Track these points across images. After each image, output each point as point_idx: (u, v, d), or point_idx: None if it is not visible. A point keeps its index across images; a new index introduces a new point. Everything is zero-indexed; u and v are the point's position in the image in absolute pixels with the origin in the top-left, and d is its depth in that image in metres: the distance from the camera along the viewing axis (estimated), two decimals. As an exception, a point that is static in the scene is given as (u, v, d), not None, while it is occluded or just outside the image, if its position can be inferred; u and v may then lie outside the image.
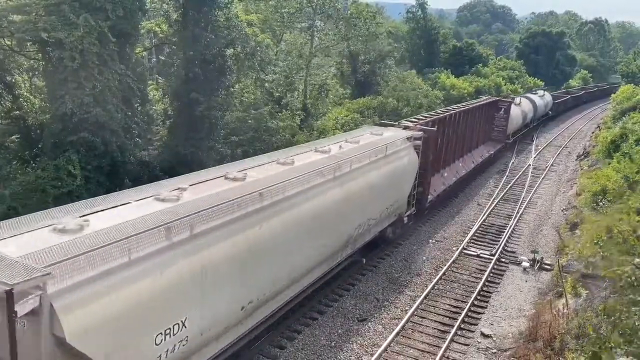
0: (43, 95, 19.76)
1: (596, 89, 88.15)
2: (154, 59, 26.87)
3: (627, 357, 8.17)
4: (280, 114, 27.48)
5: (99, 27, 17.39)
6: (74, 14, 17.47)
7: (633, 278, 8.46)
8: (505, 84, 62.85)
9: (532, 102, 49.01)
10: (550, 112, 57.70)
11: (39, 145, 20.15)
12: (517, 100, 43.63)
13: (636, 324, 7.73)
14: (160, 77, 25.51)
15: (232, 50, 23.86)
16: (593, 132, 49.98)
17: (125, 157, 19.75)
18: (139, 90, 20.07)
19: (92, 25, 17.23)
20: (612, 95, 59.81)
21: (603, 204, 19.14)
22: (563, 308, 14.58)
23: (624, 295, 8.56)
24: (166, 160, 22.14)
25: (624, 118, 36.28)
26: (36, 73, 21.58)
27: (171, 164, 21.64)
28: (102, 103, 18.07)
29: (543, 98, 54.36)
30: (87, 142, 18.17)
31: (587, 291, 14.93)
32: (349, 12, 36.43)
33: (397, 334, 15.34)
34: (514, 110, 39.81)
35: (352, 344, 14.85)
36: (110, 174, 19.38)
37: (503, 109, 37.45)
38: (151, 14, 25.48)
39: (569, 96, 71.23)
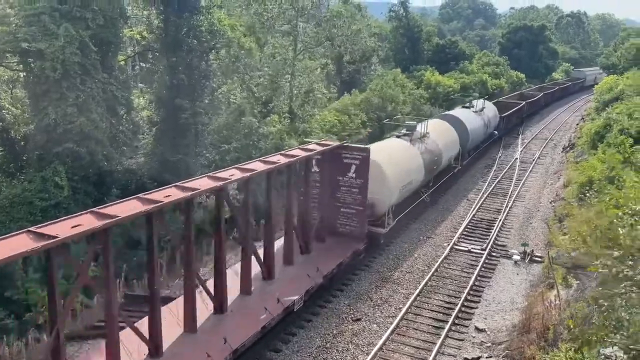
0: (25, 106, 19.54)
1: (557, 87, 75.21)
2: (138, 67, 26.68)
3: (614, 347, 8.25)
4: (268, 118, 27.44)
5: (79, 37, 17.23)
6: (54, 24, 17.30)
7: (614, 271, 8.52)
8: (490, 80, 63.22)
9: (456, 127, 30.81)
10: (495, 133, 40.98)
11: (24, 158, 19.91)
12: (417, 131, 25.42)
13: (621, 315, 7.80)
14: (144, 84, 25.35)
15: (215, 54, 23.79)
16: (578, 124, 50.48)
17: (112, 166, 19.59)
18: (123, 99, 19.91)
19: (73, 35, 17.07)
20: (595, 88, 56.57)
21: (590, 194, 19.33)
22: (555, 299, 14.69)
23: (607, 288, 8.64)
24: (153, 168, 22.00)
25: (607, 109, 36.69)
26: (17, 84, 21.34)
27: (158, 172, 21.50)
28: (86, 113, 17.90)
29: (481, 115, 36.72)
30: (72, 153, 17.99)
31: (577, 282, 15.07)
32: (327, 13, 36.39)
33: (392, 332, 15.37)
34: (389, 167, 20.56)
35: (347, 344, 14.85)
36: (98, 184, 19.21)
37: (355, 167, 18.76)
38: (133, 21, 25.31)
39: (524, 102, 52.73)
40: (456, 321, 16.20)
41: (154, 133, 22.67)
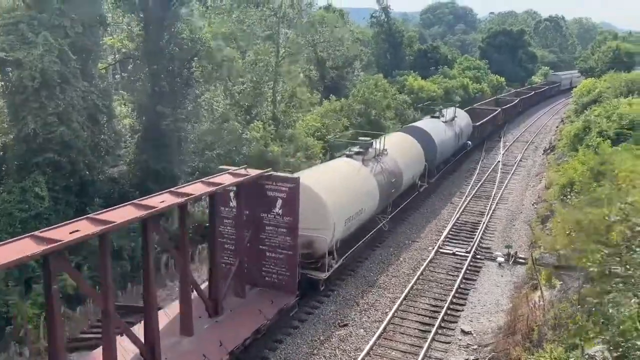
0: (3, 116, 19.21)
1: (533, 92, 71.13)
2: (118, 75, 26.42)
3: (604, 345, 8.33)
4: (252, 124, 27.38)
5: (58, 45, 17.02)
6: (32, 33, 17.07)
7: (604, 266, 8.65)
8: (471, 84, 63.88)
9: (421, 141, 27.45)
10: (469, 144, 38.03)
11: (3, 168, 19.55)
12: (373, 148, 22.24)
13: (610, 312, 7.91)
14: (126, 92, 25.12)
15: (197, 62, 23.69)
16: (557, 127, 51.23)
17: (93, 175, 19.33)
18: (104, 107, 19.67)
19: (52, 43, 16.86)
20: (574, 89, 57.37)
21: (571, 196, 19.61)
22: (539, 300, 14.84)
23: (595, 285, 8.75)
24: (136, 176, 21.78)
25: (585, 111, 37.32)
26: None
27: (142, 180, 21.28)
28: (66, 122, 17.64)
29: (452, 125, 33.49)
30: (53, 163, 17.70)
31: (560, 282, 15.24)
32: (310, 19, 36.52)
33: (379, 336, 15.38)
34: (331, 195, 17.19)
35: (334, 350, 14.82)
36: (80, 193, 18.93)
37: (281, 201, 15.13)
38: (113, 28, 25.09)
39: (499, 109, 49.47)
40: (442, 324, 16.27)
41: (136, 141, 22.45)
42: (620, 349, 7.58)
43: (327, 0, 44.62)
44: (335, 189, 17.87)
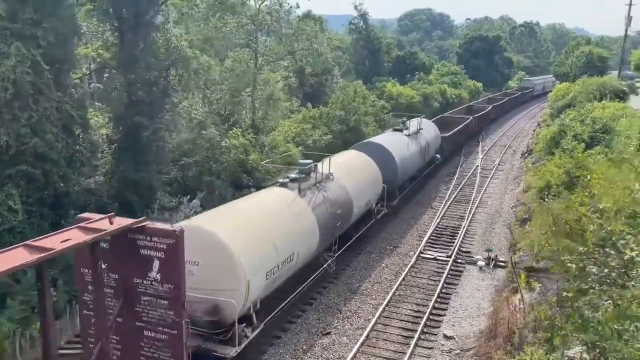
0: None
1: (506, 98, 68.89)
2: (93, 85, 26.01)
3: (582, 345, 8.40)
4: (230, 132, 27.21)
5: (31, 56, 16.71)
6: (4, 44, 16.74)
7: (580, 265, 8.73)
8: (449, 89, 64.61)
9: (379, 159, 23.83)
10: (437, 157, 34.92)
11: (-26, 182, 19.07)
12: (314, 173, 18.61)
13: (586, 312, 7.98)
14: (101, 102, 24.76)
15: (174, 71, 23.48)
16: (534, 130, 52.05)
17: (69, 187, 18.95)
18: (79, 117, 19.33)
19: (24, 54, 16.54)
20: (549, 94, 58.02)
21: (549, 199, 19.84)
22: (519, 303, 14.96)
23: (572, 284, 8.84)
24: (114, 187, 21.44)
25: (561, 115, 37.95)
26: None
27: (119, 191, 20.95)
28: (40, 133, 17.30)
29: (417, 138, 30.07)
30: (26, 175, 17.33)
31: (540, 284, 15.39)
32: (289, 28, 36.51)
33: (362, 344, 15.32)
34: (244, 243, 13.36)
35: (317, 358, 14.71)
36: (54, 206, 18.54)
37: (158, 263, 10.38)
38: (88, 37, 24.74)
39: (471, 117, 47.11)
40: (425, 330, 16.30)
41: (113, 151, 22.12)
42: (598, 350, 7.66)
43: (306, 8, 44.85)
44: (252, 233, 13.92)
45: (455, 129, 40.70)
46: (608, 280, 7.84)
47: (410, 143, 28.66)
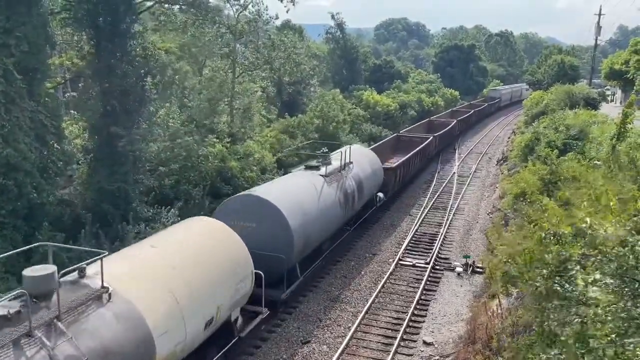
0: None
1: (472, 111, 63.06)
2: (68, 94, 25.60)
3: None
4: (206, 139, 27.04)
5: (3, 65, 16.40)
6: (-25, 52, 16.44)
7: (543, 288, 8.77)
8: (426, 98, 65.44)
9: (254, 234, 15.80)
10: (380, 197, 27.10)
11: (-56, 193, 18.55)
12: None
13: (553, 330, 8.05)
14: (76, 112, 24.38)
15: (150, 79, 23.28)
16: (509, 138, 52.94)
17: (42, 198, 18.57)
18: (53, 127, 19.00)
19: (-4, 63, 16.27)
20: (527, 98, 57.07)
21: (524, 205, 20.17)
22: (497, 308, 15.14)
23: (537, 304, 8.90)
24: (89, 197, 21.09)
25: (534, 123, 38.73)
26: None
27: (95, 202, 20.61)
28: (12, 143, 16.94)
29: (340, 179, 21.86)
30: (-2, 186, 16.98)
31: (517, 290, 15.58)
32: (268, 40, 36.63)
33: (342, 352, 15.30)
34: None
35: (297, 368, 14.63)
36: (28, 217, 18.15)
37: None
38: (62, 46, 24.38)
39: (431, 137, 39.05)
40: (404, 336, 16.36)
41: (89, 161, 21.78)
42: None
43: (285, 18, 44.89)
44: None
45: (410, 154, 32.73)
46: (573, 300, 7.92)
47: (328, 188, 20.27)
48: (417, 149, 34.39)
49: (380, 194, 27.23)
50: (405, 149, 33.49)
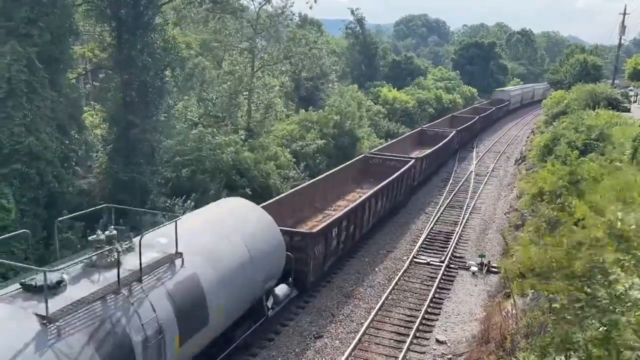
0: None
1: (477, 117, 53.13)
2: (89, 85, 25.93)
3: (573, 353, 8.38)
4: (221, 130, 27.06)
5: (26, 54, 16.66)
6: (-1, 42, 16.72)
7: (569, 297, 8.63)
8: (444, 95, 64.90)
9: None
10: (278, 298, 15.55)
11: (-33, 180, 18.94)
12: None
13: (576, 335, 7.94)
14: (97, 102, 24.66)
15: (170, 72, 23.44)
16: (528, 137, 52.26)
17: (63, 187, 18.86)
18: (74, 117, 19.29)
19: (20, 52, 16.50)
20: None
21: (542, 206, 19.95)
22: (511, 309, 15.01)
23: (561, 312, 8.74)
24: (107, 187, 21.36)
25: (554, 122, 38.19)
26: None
27: (112, 192, 20.86)
28: (34, 132, 17.22)
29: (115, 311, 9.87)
30: (20, 174, 17.25)
31: (532, 290, 15.43)
32: (290, 33, 36.59)
33: (354, 347, 15.32)
34: None
35: (309, 362, 14.69)
36: (48, 206, 18.45)
37: None
38: (85, 37, 24.65)
39: (413, 160, 29.67)
40: (417, 334, 16.32)
41: (107, 152, 22.04)
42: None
43: (304, 13, 44.66)
44: None
45: (382, 184, 24.09)
46: (599, 308, 7.78)
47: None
48: (395, 175, 26.21)
49: (284, 288, 15.94)
50: (381, 176, 26.19)
